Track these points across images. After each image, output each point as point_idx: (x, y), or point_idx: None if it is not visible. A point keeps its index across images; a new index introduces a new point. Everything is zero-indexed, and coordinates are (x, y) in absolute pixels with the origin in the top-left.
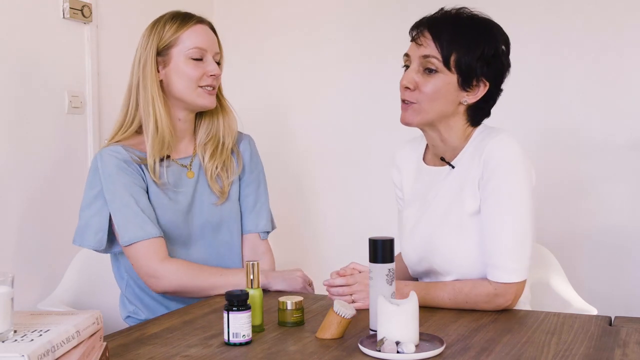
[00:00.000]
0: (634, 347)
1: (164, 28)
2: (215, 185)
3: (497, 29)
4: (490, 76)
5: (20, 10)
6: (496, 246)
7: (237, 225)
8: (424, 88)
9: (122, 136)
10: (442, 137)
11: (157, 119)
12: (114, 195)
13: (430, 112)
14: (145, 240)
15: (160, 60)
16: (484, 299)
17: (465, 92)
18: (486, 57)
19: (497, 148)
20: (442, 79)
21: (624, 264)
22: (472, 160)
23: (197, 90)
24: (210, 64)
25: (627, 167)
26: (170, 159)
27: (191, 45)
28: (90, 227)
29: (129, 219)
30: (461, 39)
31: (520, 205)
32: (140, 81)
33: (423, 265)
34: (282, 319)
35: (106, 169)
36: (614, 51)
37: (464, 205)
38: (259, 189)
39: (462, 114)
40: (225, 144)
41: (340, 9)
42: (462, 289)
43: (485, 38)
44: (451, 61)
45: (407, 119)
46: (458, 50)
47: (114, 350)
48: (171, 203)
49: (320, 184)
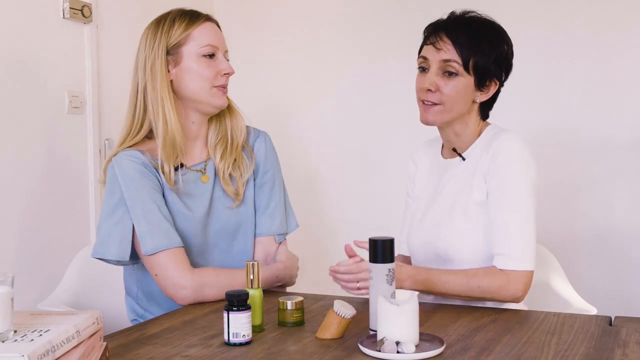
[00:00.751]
0: (634, 347)
1: (172, 26)
2: (229, 187)
3: (505, 31)
4: (500, 76)
5: (20, 10)
6: (504, 236)
7: (253, 231)
8: (446, 90)
9: (132, 141)
10: (456, 133)
11: (167, 120)
12: (136, 202)
13: (453, 112)
14: (170, 250)
15: (170, 59)
16: (498, 284)
17: (480, 92)
18: (499, 59)
19: (504, 146)
20: (461, 82)
21: (624, 263)
22: (481, 154)
23: (211, 90)
24: (223, 62)
25: (627, 167)
26: (184, 167)
27: (203, 43)
28: (114, 237)
29: (153, 226)
30: (479, 44)
31: (524, 200)
32: (147, 82)
33: (427, 251)
34: (282, 319)
35: (126, 174)
36: (614, 51)
37: (471, 194)
38: (272, 189)
39: (476, 111)
40: (235, 142)
41: (341, 9)
42: (476, 273)
43: (499, 41)
44: (470, 65)
45: (429, 119)
46: (476, 54)
47: (114, 350)
48: (188, 211)
49: (320, 184)
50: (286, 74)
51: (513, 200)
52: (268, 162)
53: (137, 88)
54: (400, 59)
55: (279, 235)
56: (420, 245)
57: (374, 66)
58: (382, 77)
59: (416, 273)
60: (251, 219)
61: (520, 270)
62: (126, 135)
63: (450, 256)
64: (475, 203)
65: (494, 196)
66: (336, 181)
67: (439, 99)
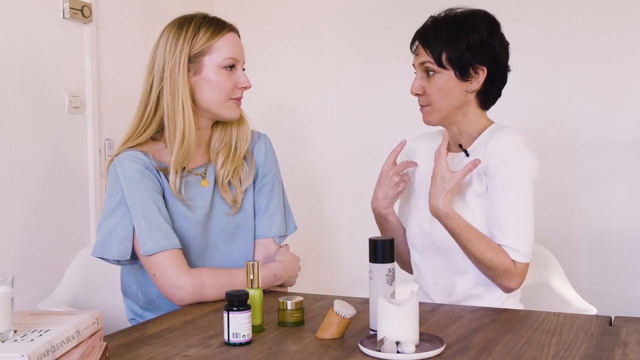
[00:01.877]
0: (634, 347)
1: (197, 34)
2: (227, 195)
3: (480, 17)
4: (485, 61)
5: (20, 10)
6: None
7: (252, 234)
8: (430, 90)
9: (136, 141)
10: (460, 127)
11: (186, 129)
12: (136, 202)
13: (442, 109)
14: (169, 251)
15: (191, 67)
16: (505, 268)
17: (467, 82)
18: (474, 46)
19: (502, 141)
20: (441, 78)
21: (623, 263)
22: (481, 150)
23: (227, 102)
24: (242, 75)
25: (627, 167)
26: (185, 170)
27: (226, 55)
28: (115, 237)
29: (152, 227)
30: (445, 38)
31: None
32: (165, 87)
33: (425, 240)
34: (282, 319)
35: (127, 174)
36: (614, 51)
37: (471, 185)
38: (272, 191)
39: (473, 100)
40: (238, 151)
41: (341, 10)
42: (495, 248)
43: (469, 29)
44: (443, 60)
45: (425, 120)
46: (445, 48)
47: (114, 350)
48: (189, 213)
49: (321, 184)
50: (286, 75)
51: (515, 195)
52: (267, 165)
53: (150, 89)
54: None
55: (279, 237)
56: (419, 235)
57: (374, 66)
58: (383, 78)
59: (452, 213)
60: (250, 223)
61: (524, 262)
62: (131, 134)
63: (448, 246)
64: (474, 194)
65: (496, 191)
66: (336, 181)
67: (426, 101)
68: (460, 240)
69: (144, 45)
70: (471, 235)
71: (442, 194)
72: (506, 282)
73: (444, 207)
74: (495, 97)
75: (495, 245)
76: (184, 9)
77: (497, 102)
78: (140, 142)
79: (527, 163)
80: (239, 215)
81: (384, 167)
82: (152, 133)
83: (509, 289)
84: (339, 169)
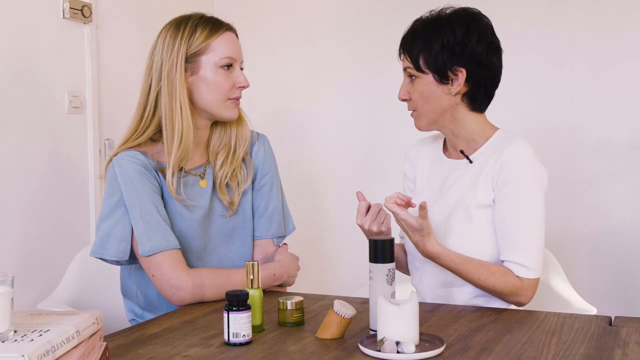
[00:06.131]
0: (634, 347)
1: (193, 33)
2: (224, 197)
3: (457, 17)
4: (462, 62)
5: (20, 10)
6: (520, 246)
7: (250, 235)
8: (413, 95)
9: (135, 142)
10: (453, 132)
11: (184, 130)
12: (135, 202)
13: (428, 113)
14: (168, 251)
15: (188, 67)
16: (511, 288)
17: (447, 85)
18: (449, 47)
19: (514, 153)
20: (421, 82)
21: (624, 263)
22: (489, 159)
23: (225, 102)
24: (240, 74)
25: (627, 167)
26: (183, 170)
27: (223, 55)
28: (113, 237)
29: (151, 227)
30: (419, 42)
31: (537, 208)
32: (163, 87)
33: None
34: (282, 319)
35: (126, 175)
36: (615, 51)
37: (475, 196)
38: (271, 191)
39: (461, 103)
40: (237, 152)
41: (340, 9)
42: (495, 272)
43: (442, 30)
44: (421, 64)
45: (416, 125)
46: (421, 51)
47: (114, 350)
48: (187, 214)
49: (320, 184)
50: (286, 75)
51: (527, 209)
52: (266, 165)
53: (148, 90)
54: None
55: (278, 238)
56: None
57: (374, 67)
58: (382, 78)
59: (443, 252)
60: (248, 224)
61: (533, 278)
62: (130, 135)
63: None
64: (478, 205)
65: (506, 204)
66: (336, 181)
67: (412, 106)
68: (459, 274)
69: (144, 45)
70: (469, 266)
71: (423, 240)
72: (516, 300)
73: (433, 249)
74: (486, 99)
75: (495, 268)
76: (183, 9)
77: (497, 103)
78: (139, 142)
79: (540, 176)
80: (236, 217)
81: (357, 222)
82: (151, 134)
83: (520, 304)
84: (338, 169)
